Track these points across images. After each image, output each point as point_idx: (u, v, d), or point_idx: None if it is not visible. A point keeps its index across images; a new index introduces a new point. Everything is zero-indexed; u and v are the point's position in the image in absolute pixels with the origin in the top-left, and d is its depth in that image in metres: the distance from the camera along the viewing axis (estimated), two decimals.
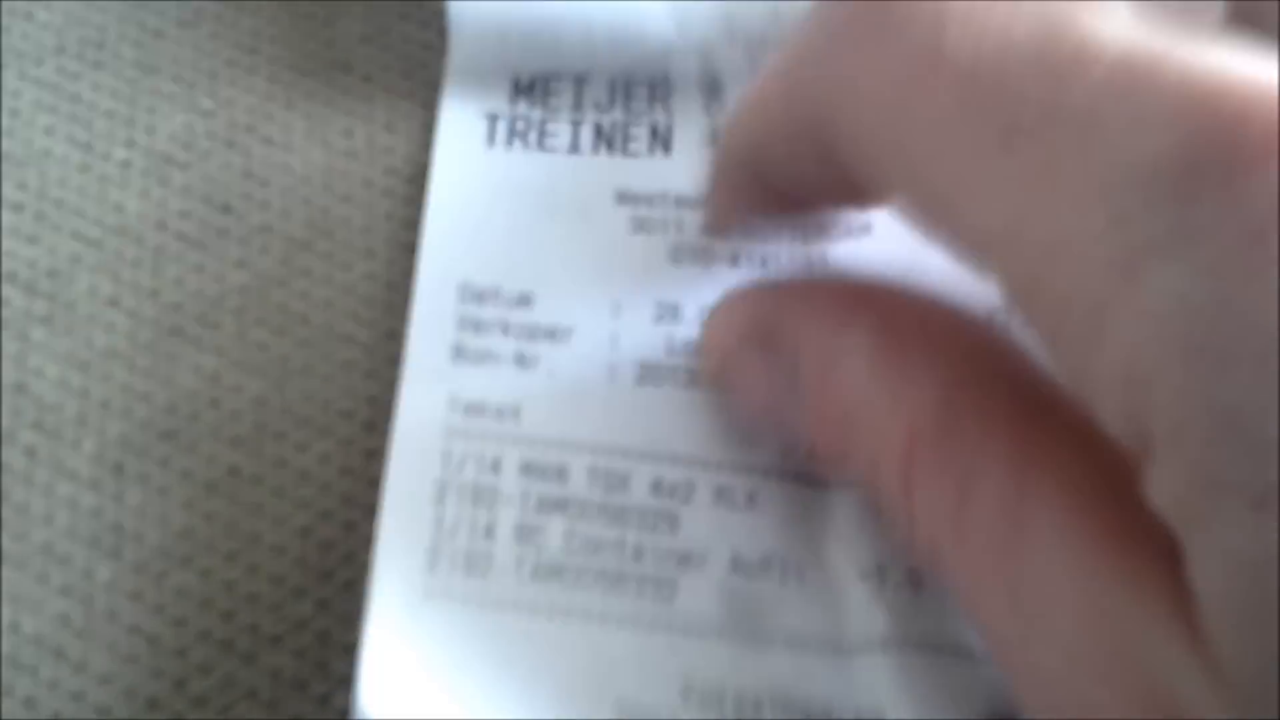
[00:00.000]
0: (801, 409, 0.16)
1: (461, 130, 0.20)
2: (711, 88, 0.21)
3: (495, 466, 0.18)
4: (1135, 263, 0.11)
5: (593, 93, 0.20)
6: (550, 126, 0.20)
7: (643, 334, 0.19)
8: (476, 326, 0.19)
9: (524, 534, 0.17)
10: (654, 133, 0.20)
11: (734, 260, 0.19)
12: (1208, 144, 0.11)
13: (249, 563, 0.17)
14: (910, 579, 0.17)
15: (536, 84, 0.21)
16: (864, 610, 0.17)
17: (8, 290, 0.19)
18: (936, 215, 0.14)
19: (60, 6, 0.21)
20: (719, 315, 0.18)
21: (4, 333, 0.19)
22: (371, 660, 0.16)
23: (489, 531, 0.17)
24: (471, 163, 0.20)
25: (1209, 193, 0.11)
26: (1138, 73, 0.12)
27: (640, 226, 0.20)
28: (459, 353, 0.19)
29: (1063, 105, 0.12)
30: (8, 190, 0.20)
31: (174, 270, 0.19)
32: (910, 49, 0.13)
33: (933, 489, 0.14)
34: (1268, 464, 0.11)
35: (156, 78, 0.20)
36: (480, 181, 0.20)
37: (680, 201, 0.20)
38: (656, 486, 0.18)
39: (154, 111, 0.20)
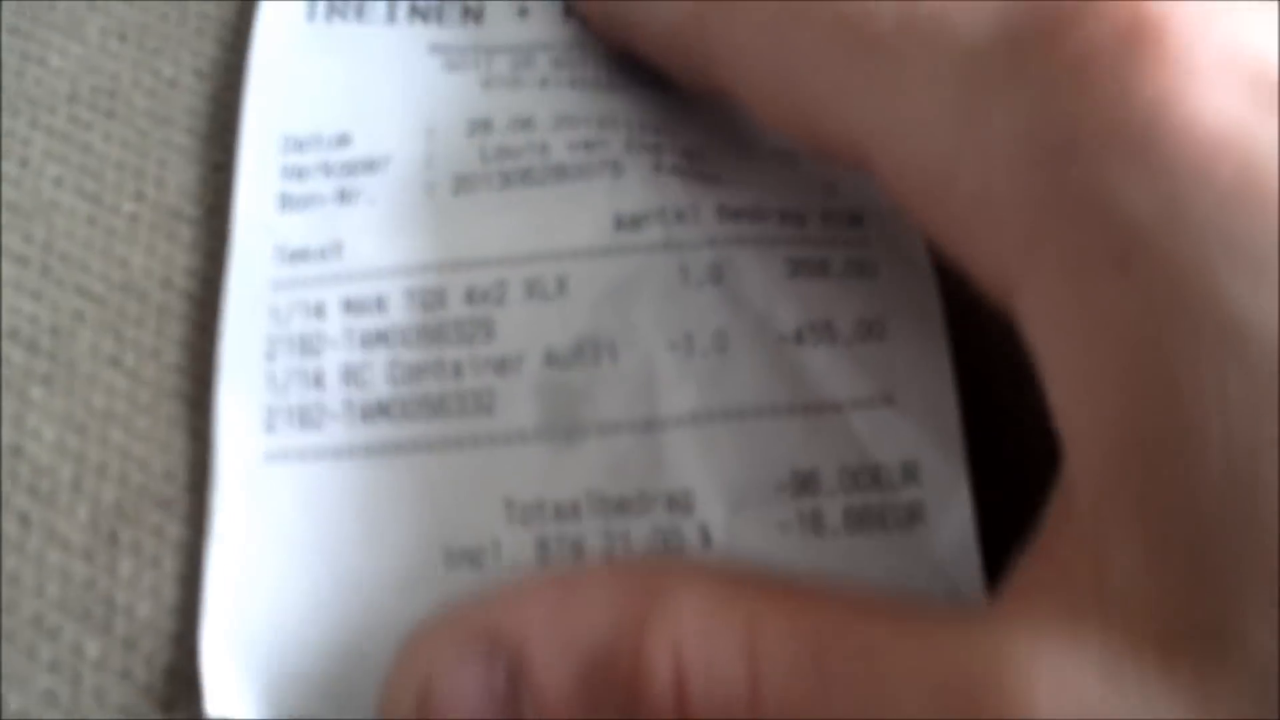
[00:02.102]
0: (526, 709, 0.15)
1: (282, 9, 0.21)
2: None
3: (319, 311, 0.18)
4: (978, 108, 0.14)
5: None
6: (368, 5, 0.21)
7: (457, 149, 0.19)
8: (299, 173, 0.19)
9: (350, 374, 0.18)
10: (466, 12, 0.21)
11: (543, 85, 0.20)
12: (1032, 17, 0.14)
13: None
14: (716, 343, 0.18)
15: None
16: (673, 382, 0.17)
17: (8, 348, 0.18)
18: (809, 124, 0.16)
19: (75, 52, 0.21)
20: (421, 637, 0.16)
21: (3, 392, 0.18)
22: (221, 541, 0.17)
23: (318, 380, 0.18)
24: (292, 36, 0.20)
25: (1035, 49, 0.13)
26: None
27: (453, 67, 0.20)
28: (284, 202, 0.19)
29: (916, 15, 0.15)
30: (13, 243, 0.19)
31: (177, 330, 0.19)
32: None
33: (715, 679, 0.14)
34: (1126, 234, 0.12)
35: (169, 129, 0.20)
36: (300, 53, 0.20)
37: (492, 49, 0.20)
38: (470, 295, 0.18)
39: (165, 164, 0.20)
